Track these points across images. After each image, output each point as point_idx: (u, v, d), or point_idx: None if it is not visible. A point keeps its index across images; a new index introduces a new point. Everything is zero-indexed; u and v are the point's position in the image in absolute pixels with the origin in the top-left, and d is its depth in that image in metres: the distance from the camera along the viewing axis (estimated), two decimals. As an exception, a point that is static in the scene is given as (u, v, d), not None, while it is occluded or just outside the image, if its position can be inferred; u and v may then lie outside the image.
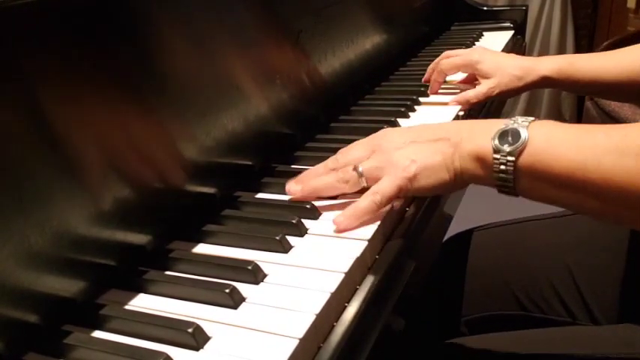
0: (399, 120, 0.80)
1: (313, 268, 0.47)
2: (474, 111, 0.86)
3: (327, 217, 0.55)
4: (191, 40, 0.56)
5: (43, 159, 0.41)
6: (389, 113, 0.82)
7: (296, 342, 0.38)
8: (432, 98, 0.91)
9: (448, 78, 0.94)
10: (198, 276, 0.47)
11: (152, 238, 0.51)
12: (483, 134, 0.50)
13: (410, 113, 0.84)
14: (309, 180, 0.58)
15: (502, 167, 0.47)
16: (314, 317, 0.40)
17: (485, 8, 1.47)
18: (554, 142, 0.46)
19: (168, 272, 0.49)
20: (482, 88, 0.84)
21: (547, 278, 0.74)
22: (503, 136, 0.48)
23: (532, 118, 0.49)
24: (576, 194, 0.45)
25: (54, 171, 0.42)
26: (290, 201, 0.58)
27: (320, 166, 0.59)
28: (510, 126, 0.48)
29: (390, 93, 0.95)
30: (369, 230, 0.51)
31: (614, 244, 0.73)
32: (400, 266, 0.52)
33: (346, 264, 0.46)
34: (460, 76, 0.95)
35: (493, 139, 0.48)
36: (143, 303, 0.45)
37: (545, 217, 0.81)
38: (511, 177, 0.47)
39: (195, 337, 0.39)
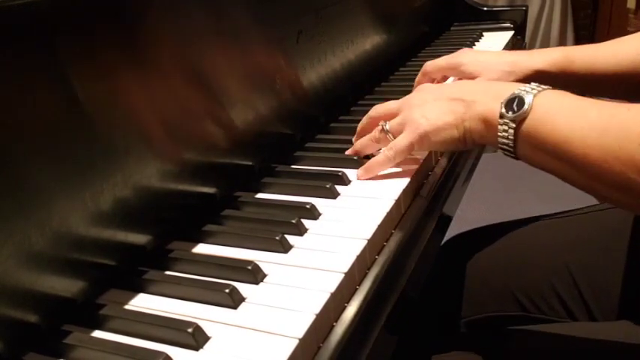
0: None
1: (313, 268, 0.47)
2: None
3: (326, 217, 0.55)
4: (190, 40, 0.56)
5: (44, 158, 0.41)
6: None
7: (296, 342, 0.38)
8: None
9: None
10: (198, 276, 0.47)
11: (152, 238, 0.51)
12: (495, 97, 0.52)
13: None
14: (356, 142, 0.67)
15: (504, 133, 0.51)
16: (314, 317, 0.40)
17: (485, 8, 1.47)
18: (552, 113, 0.48)
19: (168, 272, 0.49)
20: None
21: (547, 279, 0.73)
22: (510, 102, 0.50)
23: (544, 87, 0.51)
24: (564, 164, 0.47)
25: (54, 170, 0.42)
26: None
27: (363, 120, 0.67)
28: (520, 92, 0.50)
29: (390, 93, 0.95)
30: (369, 230, 0.51)
31: (613, 244, 0.73)
32: (400, 266, 0.52)
33: (346, 264, 0.46)
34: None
35: (502, 103, 0.51)
36: (143, 303, 0.45)
37: (544, 218, 0.81)
38: (512, 142, 0.51)
39: (195, 337, 0.39)
